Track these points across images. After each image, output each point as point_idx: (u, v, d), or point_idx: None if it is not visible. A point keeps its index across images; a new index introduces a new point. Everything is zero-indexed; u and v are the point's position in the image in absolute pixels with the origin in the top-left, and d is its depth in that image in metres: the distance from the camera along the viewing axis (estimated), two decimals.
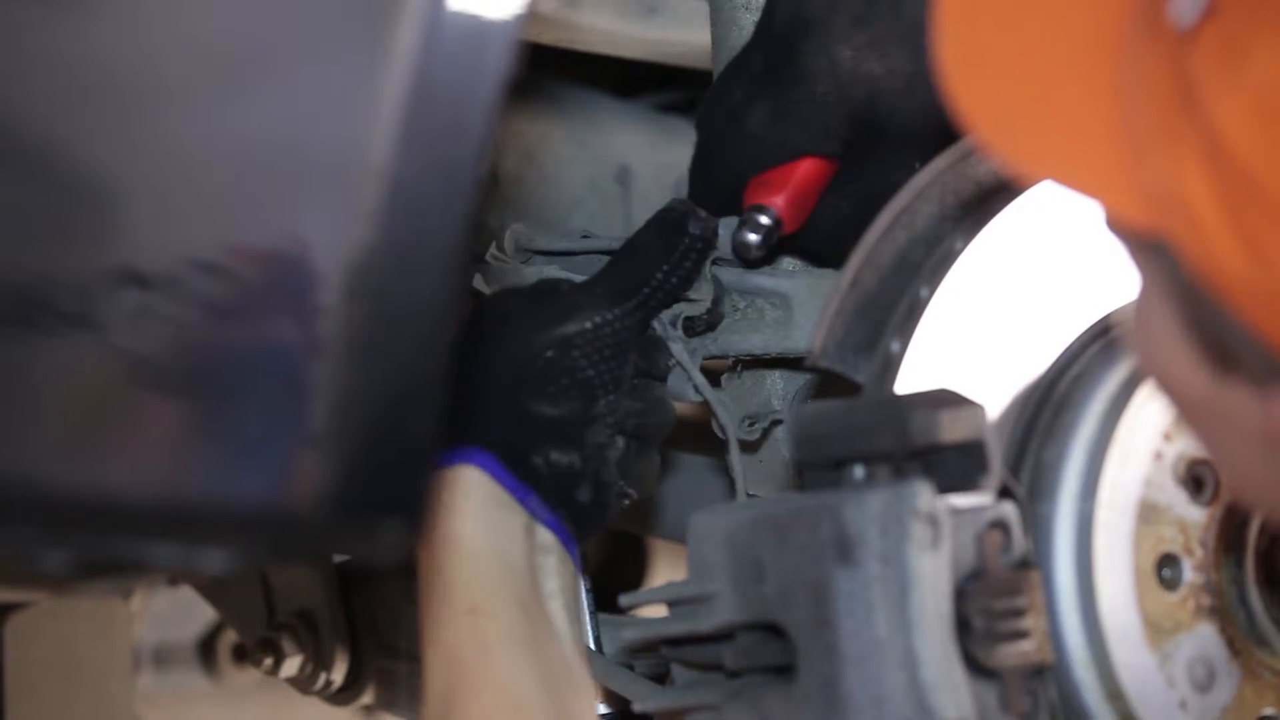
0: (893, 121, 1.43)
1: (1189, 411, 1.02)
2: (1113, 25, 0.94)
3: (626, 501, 1.48)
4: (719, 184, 1.50)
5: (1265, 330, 0.90)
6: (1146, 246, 0.95)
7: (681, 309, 1.48)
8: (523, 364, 1.43)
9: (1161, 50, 0.91)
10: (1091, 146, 0.94)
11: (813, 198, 1.48)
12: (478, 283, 1.55)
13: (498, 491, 1.42)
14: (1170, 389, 1.01)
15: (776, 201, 1.47)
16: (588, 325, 1.44)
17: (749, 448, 1.54)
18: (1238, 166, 0.87)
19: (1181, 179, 0.89)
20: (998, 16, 0.97)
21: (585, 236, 1.56)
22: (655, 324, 1.48)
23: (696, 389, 1.49)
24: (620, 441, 1.46)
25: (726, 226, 1.48)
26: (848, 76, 1.43)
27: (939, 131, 1.33)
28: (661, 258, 1.46)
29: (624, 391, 1.45)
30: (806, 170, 1.47)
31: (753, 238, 1.46)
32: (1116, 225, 0.96)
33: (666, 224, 1.48)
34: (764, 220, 1.46)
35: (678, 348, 1.48)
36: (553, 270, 1.53)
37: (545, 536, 1.44)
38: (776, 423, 1.53)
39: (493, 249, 1.54)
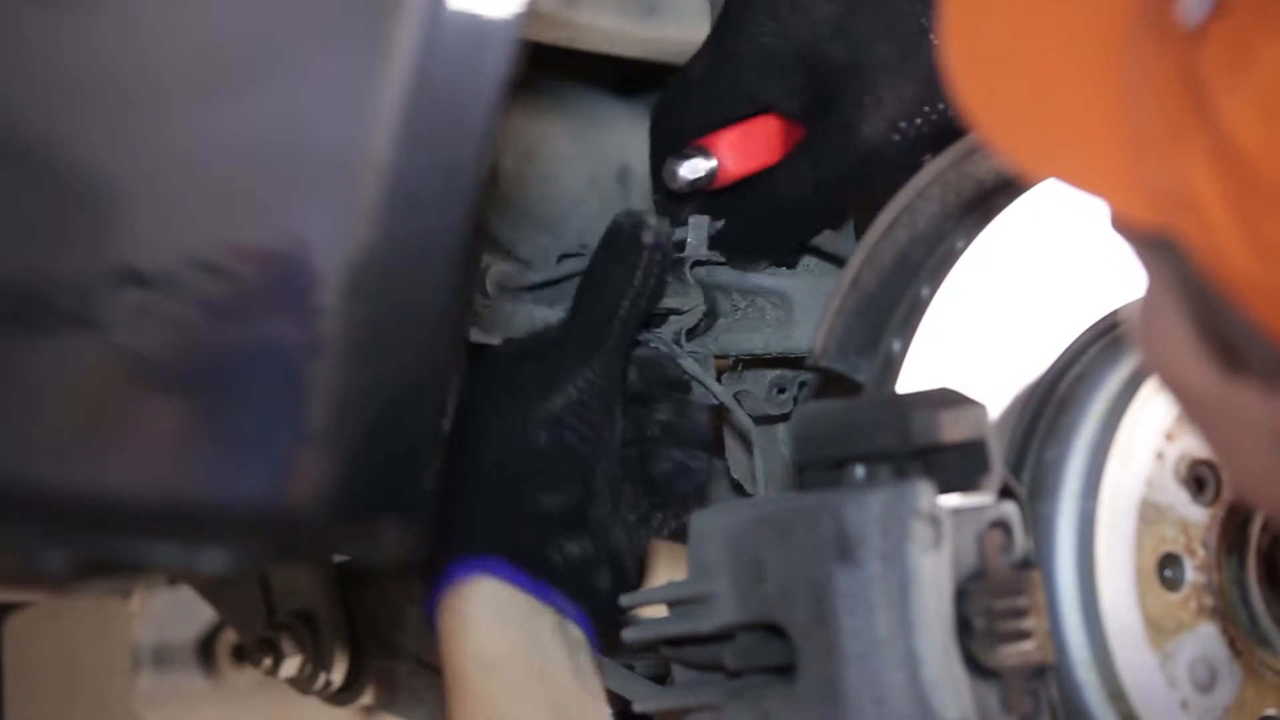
0: (853, 76, 1.40)
1: (1195, 411, 1.01)
2: (1119, 24, 0.94)
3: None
4: (672, 144, 1.47)
5: (1272, 328, 0.90)
6: (1153, 245, 0.95)
7: (679, 324, 1.46)
8: (516, 456, 1.37)
9: (1169, 49, 0.91)
10: (1097, 145, 0.94)
11: (762, 153, 1.44)
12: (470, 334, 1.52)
13: (520, 597, 1.35)
14: (1176, 388, 1.01)
15: (718, 143, 1.44)
16: (572, 395, 1.37)
17: (779, 420, 1.52)
18: (1246, 165, 0.87)
19: (1189, 177, 0.89)
20: (1004, 14, 0.97)
21: (583, 246, 1.54)
22: (657, 343, 1.45)
23: (715, 396, 1.47)
24: (627, 511, 1.41)
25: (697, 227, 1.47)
26: (788, 14, 1.41)
27: (911, 97, 1.32)
28: (624, 282, 1.40)
29: (614, 454, 1.39)
30: (759, 123, 1.45)
31: (681, 169, 1.43)
32: (1122, 224, 0.96)
33: (618, 242, 1.41)
34: (696, 157, 1.44)
35: (688, 363, 1.45)
36: (541, 312, 1.50)
37: (576, 632, 1.37)
38: (804, 384, 1.51)
39: (478, 298, 1.52)
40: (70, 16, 1.07)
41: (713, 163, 1.43)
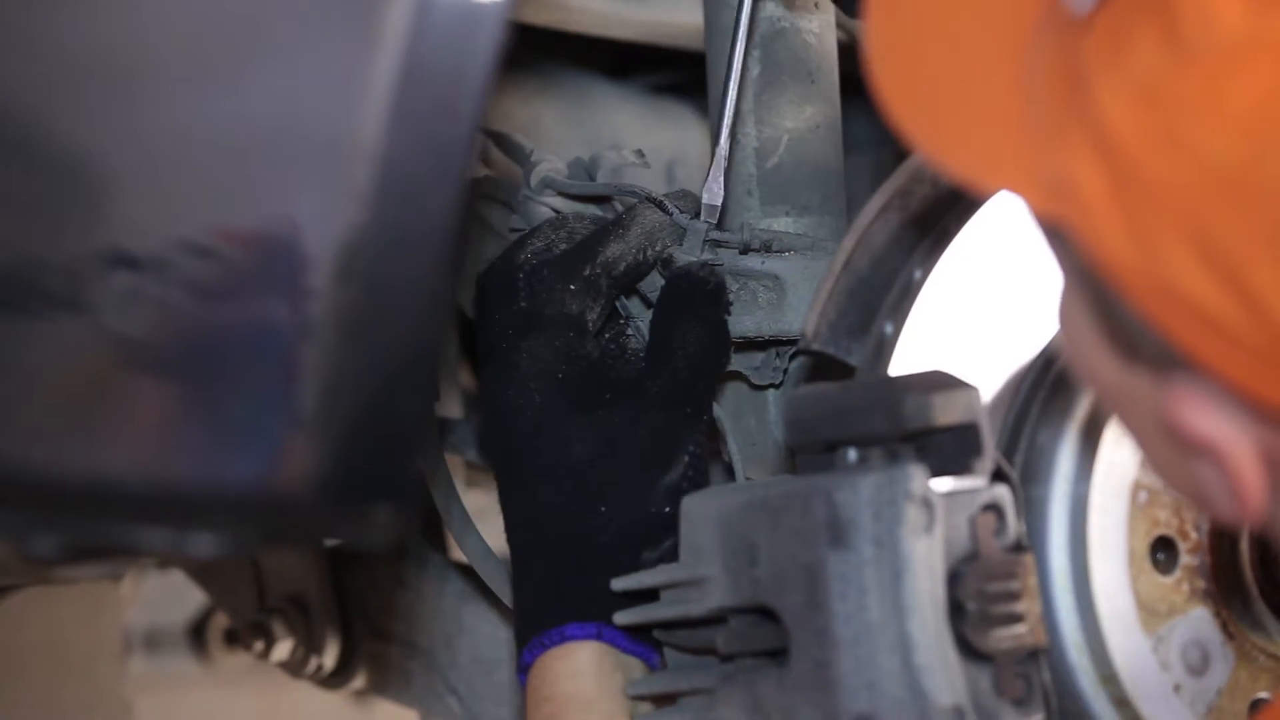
0: None
1: (1104, 397, 1.03)
2: (1029, 16, 0.94)
3: None
4: None
5: (1156, 318, 0.90)
6: (1056, 236, 0.96)
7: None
8: (638, 525, 1.36)
9: (1058, 40, 0.91)
10: (998, 137, 0.95)
11: None
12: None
13: (624, 660, 1.35)
14: (1085, 375, 1.02)
15: None
16: (685, 463, 1.38)
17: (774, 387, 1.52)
18: (1122, 153, 0.88)
19: (1073, 167, 0.90)
20: (923, 9, 0.98)
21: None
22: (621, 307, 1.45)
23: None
24: None
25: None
26: None
27: None
28: (710, 342, 1.41)
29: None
30: None
31: None
32: (1028, 216, 0.97)
33: (696, 297, 1.42)
34: None
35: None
36: (575, 209, 1.49)
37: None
38: (795, 355, 1.51)
39: (523, 188, 1.51)
40: (63, 1, 1.07)
41: None
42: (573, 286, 1.41)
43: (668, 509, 1.36)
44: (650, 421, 1.39)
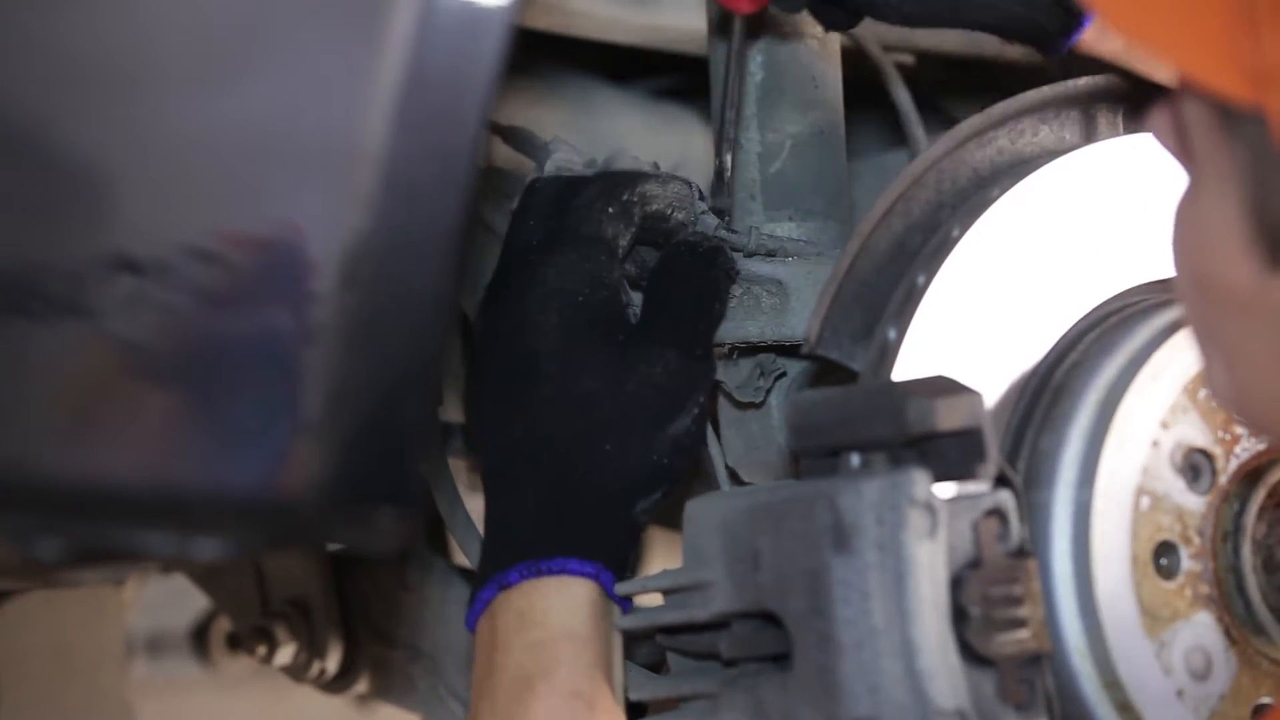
0: None
1: (1220, 308, 1.00)
2: None
3: None
4: None
5: None
6: (1226, 125, 0.94)
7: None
8: (635, 470, 1.36)
9: None
10: (1203, 11, 0.93)
11: None
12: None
13: (606, 605, 1.34)
14: (1207, 280, 1.00)
15: None
16: (695, 414, 1.38)
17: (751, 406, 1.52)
18: None
19: None
20: None
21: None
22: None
23: None
24: None
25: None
26: None
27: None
28: (714, 302, 1.42)
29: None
30: None
31: None
32: (1207, 97, 0.95)
33: (694, 259, 1.43)
34: None
35: None
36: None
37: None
38: (779, 375, 1.51)
39: (534, 174, 1.51)
40: (64, 3, 1.07)
41: None
42: (611, 209, 1.40)
43: (667, 460, 1.36)
44: (666, 363, 1.38)
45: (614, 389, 1.37)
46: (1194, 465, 1.31)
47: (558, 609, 1.32)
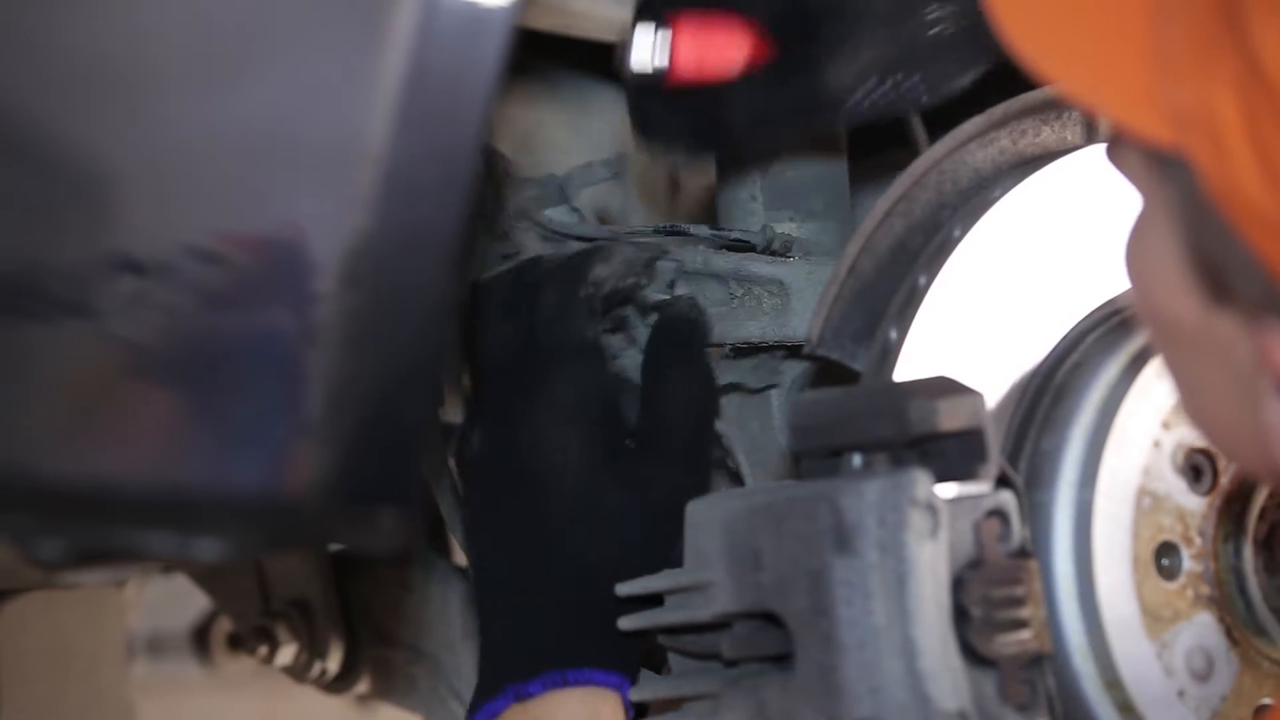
0: (839, 17, 1.38)
1: (1172, 343, 1.01)
2: None
3: None
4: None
5: (1269, 258, 0.90)
6: (1156, 166, 0.95)
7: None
8: (609, 563, 1.35)
9: None
10: (1120, 58, 0.93)
11: (722, 56, 1.42)
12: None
13: (614, 701, 1.33)
14: (1157, 316, 1.01)
15: (681, 29, 1.40)
16: (666, 503, 1.35)
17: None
18: (1272, 93, 0.87)
19: (1211, 98, 0.89)
20: None
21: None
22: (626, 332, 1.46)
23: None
24: None
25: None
26: None
27: (889, 59, 1.32)
28: (696, 388, 1.42)
29: None
30: (730, 28, 1.41)
31: (637, 33, 1.39)
32: (1131, 141, 0.96)
33: (683, 341, 1.43)
34: (656, 28, 1.40)
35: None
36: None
37: None
38: (802, 357, 1.50)
39: (507, 214, 1.50)
40: (66, 3, 1.07)
41: (667, 35, 1.41)
42: (576, 309, 1.40)
43: (639, 548, 1.36)
44: (673, 479, 1.38)
45: (635, 506, 1.37)
46: (1195, 466, 1.31)
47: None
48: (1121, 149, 1.00)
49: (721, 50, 1.41)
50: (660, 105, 1.42)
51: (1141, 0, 0.93)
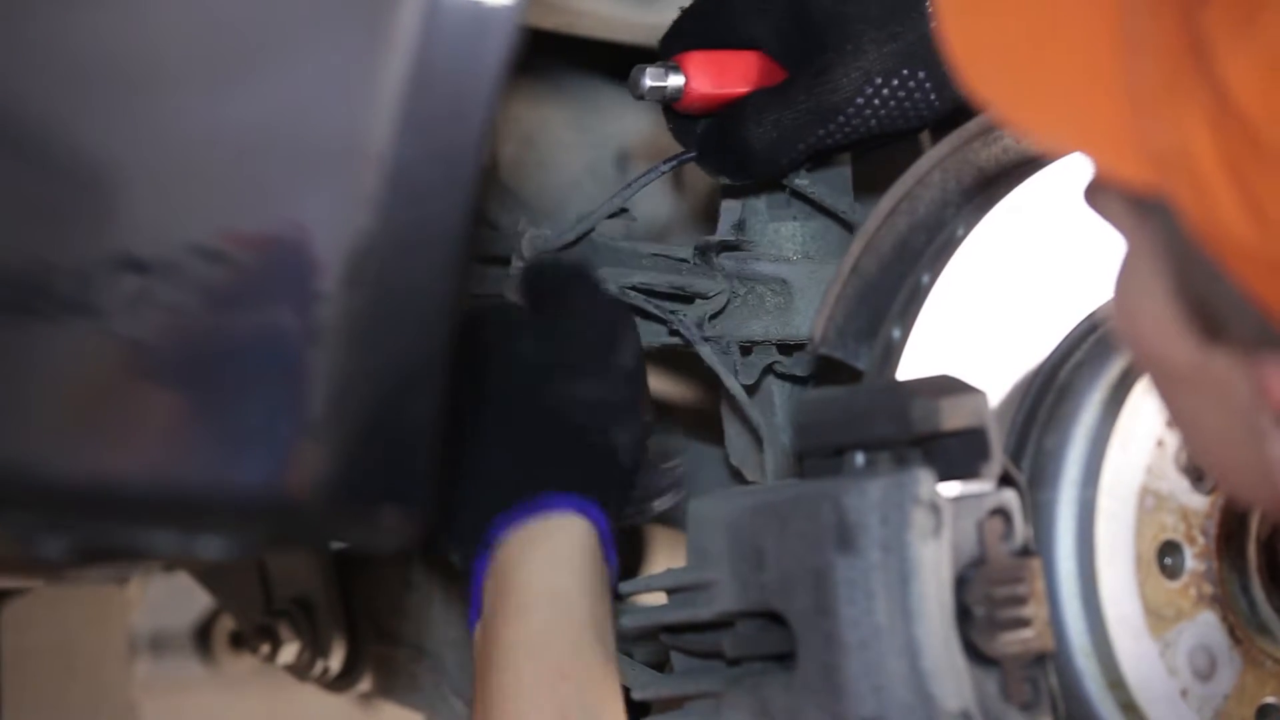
0: (837, 25, 1.39)
1: (1169, 384, 1.00)
2: None
3: None
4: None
5: (1260, 294, 0.89)
6: (1137, 209, 0.94)
7: (705, 309, 1.45)
8: (596, 402, 1.37)
9: (1172, 6, 0.90)
10: (1089, 101, 0.92)
11: (734, 82, 1.43)
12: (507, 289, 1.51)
13: (594, 540, 1.32)
14: (1151, 359, 1.00)
15: (689, 62, 1.42)
16: (631, 349, 1.40)
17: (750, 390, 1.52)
18: (1245, 126, 0.86)
19: (1186, 136, 0.88)
20: None
21: (580, 219, 1.54)
22: (679, 327, 1.45)
23: (729, 389, 1.46)
24: None
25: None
26: None
27: (891, 55, 1.32)
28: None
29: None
30: (738, 55, 1.44)
31: (645, 76, 1.42)
32: (1109, 184, 0.95)
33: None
34: (664, 69, 1.43)
35: (705, 351, 1.45)
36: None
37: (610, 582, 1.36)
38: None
39: (514, 259, 1.50)
40: (71, 2, 1.07)
41: (680, 79, 1.43)
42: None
43: (623, 390, 1.36)
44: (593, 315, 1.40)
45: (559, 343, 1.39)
46: (1198, 465, 1.31)
47: (539, 562, 1.30)
48: (1100, 194, 0.98)
49: (731, 74, 1.43)
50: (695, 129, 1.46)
51: (1108, 34, 0.92)
